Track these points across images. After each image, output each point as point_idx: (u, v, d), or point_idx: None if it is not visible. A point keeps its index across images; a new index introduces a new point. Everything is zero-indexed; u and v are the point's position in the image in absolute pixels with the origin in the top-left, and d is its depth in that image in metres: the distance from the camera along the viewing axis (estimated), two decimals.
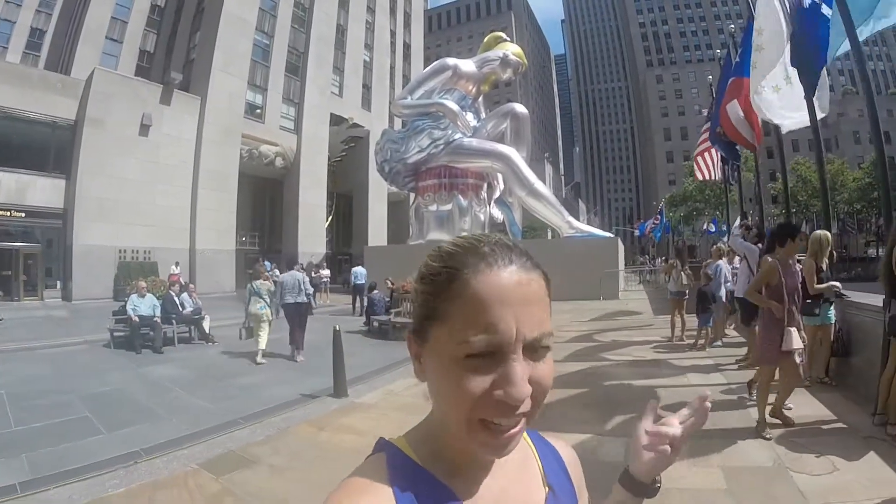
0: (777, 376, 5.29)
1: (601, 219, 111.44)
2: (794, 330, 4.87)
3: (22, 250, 23.25)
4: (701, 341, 9.86)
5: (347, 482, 0.70)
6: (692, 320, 10.43)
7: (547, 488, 0.85)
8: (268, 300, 10.54)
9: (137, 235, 25.58)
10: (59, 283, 24.61)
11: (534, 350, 0.68)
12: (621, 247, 22.77)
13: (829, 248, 6.44)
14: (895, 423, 4.79)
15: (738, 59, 11.93)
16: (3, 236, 22.85)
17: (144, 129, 25.98)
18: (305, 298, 10.97)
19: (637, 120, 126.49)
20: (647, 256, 50.79)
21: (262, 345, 10.34)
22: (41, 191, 23.67)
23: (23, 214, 23.27)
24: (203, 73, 29.95)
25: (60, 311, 19.77)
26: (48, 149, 24.05)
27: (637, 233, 53.15)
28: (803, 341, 5.01)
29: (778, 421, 5.15)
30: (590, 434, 5.37)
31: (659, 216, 43.14)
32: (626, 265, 26.76)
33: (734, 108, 11.79)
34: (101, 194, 24.01)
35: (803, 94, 8.05)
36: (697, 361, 8.74)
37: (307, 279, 11.56)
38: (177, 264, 24.60)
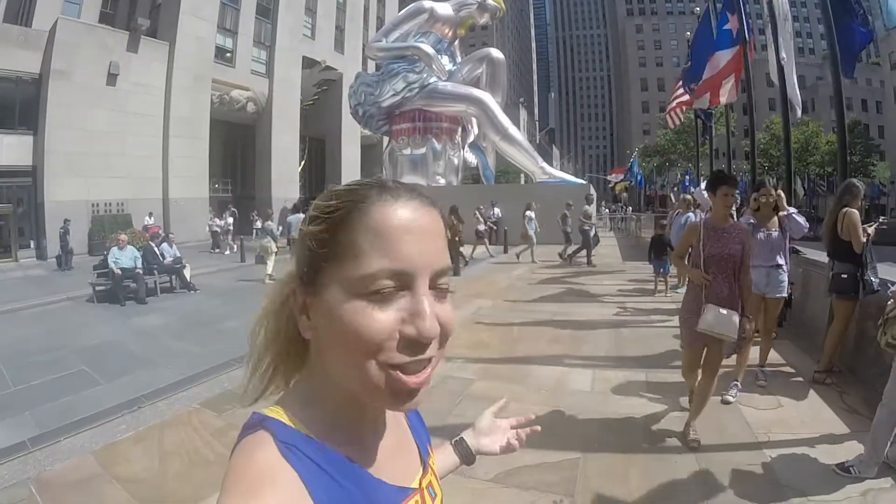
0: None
1: (575, 165, 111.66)
2: (712, 307, 3.84)
3: None
4: (661, 287, 10.37)
5: (239, 471, 0.61)
6: None
7: (415, 441, 0.88)
8: (273, 236, 13.91)
9: (110, 188, 24.96)
10: (32, 242, 23.91)
11: (435, 287, 0.66)
12: (594, 193, 23.05)
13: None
14: (837, 370, 5.32)
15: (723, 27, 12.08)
16: None
17: (112, 78, 25.04)
18: None
19: (614, 68, 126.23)
20: (619, 204, 51.38)
21: (270, 269, 13.42)
22: (8, 148, 22.78)
23: None
24: (171, 17, 28.73)
25: (37, 270, 19.40)
26: (13, 105, 23.11)
27: (612, 180, 53.39)
28: (743, 330, 3.92)
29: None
30: (557, 366, 5.98)
31: (631, 165, 43.75)
32: (597, 212, 27.15)
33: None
34: (70, 148, 23.26)
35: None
36: (660, 305, 9.23)
37: None
38: (150, 215, 24.04)
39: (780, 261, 5.27)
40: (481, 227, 17.69)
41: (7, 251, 22.93)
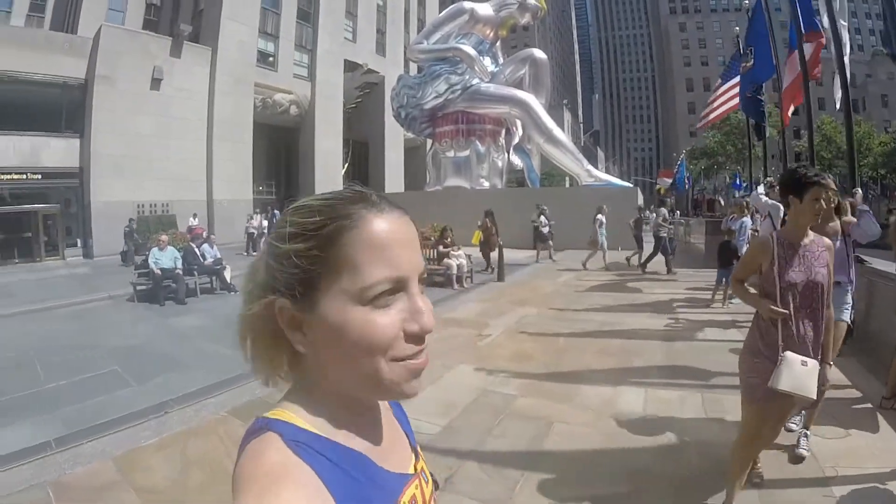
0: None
1: (620, 168, 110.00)
2: (792, 359, 2.75)
3: (41, 211, 23.28)
4: (718, 296, 9.60)
5: (252, 473, 0.61)
6: None
7: (403, 430, 0.90)
8: None
9: (154, 189, 25.59)
10: (79, 241, 24.74)
11: (419, 284, 0.72)
12: (640, 197, 22.39)
13: None
14: None
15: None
16: (21, 199, 22.89)
17: (156, 83, 25.65)
18: None
19: (658, 68, 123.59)
20: (664, 207, 50.02)
21: None
22: (55, 151, 23.55)
23: (39, 176, 23.29)
24: (212, 23, 29.33)
25: (83, 269, 19.90)
26: (60, 109, 23.85)
27: (660, 184, 51.14)
28: (823, 382, 2.92)
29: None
30: (606, 384, 5.46)
31: (679, 167, 42.44)
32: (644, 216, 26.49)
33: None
34: (115, 151, 23.86)
35: None
36: (715, 317, 8.59)
37: None
38: (195, 216, 24.53)
39: (845, 277, 4.44)
40: (546, 230, 17.02)
41: (55, 250, 23.80)
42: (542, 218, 17.07)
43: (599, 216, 15.40)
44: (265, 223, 22.94)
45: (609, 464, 3.83)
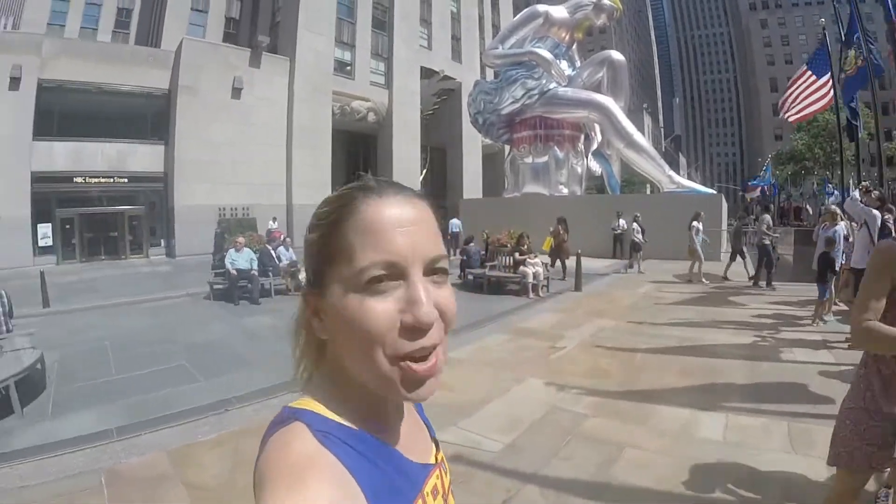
0: None
1: (703, 174, 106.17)
2: None
3: (127, 212, 25.06)
4: (824, 313, 8.61)
5: (279, 463, 0.61)
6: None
7: (422, 421, 0.89)
8: None
9: (235, 193, 26.72)
10: (162, 241, 26.28)
11: (432, 273, 0.68)
12: (724, 205, 21.30)
13: None
14: None
15: None
16: (109, 201, 24.61)
17: (236, 92, 26.87)
18: None
19: (740, 69, 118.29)
20: (751, 217, 47.70)
21: None
22: (141, 157, 25.23)
23: (126, 180, 24.94)
24: (289, 34, 30.32)
25: (165, 267, 20.93)
26: (145, 118, 25.55)
27: (750, 196, 47.10)
28: None
29: None
30: (684, 406, 5.03)
31: (764, 172, 40.13)
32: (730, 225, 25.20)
33: None
34: (198, 157, 25.23)
35: None
36: (804, 335, 7.80)
37: None
38: (274, 219, 25.14)
39: None
40: (638, 238, 16.12)
41: (140, 248, 25.46)
42: (636, 225, 16.32)
43: (696, 223, 14.38)
44: None
45: (682, 497, 3.46)
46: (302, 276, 12.88)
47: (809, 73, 16.10)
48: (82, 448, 4.33)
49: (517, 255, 12.60)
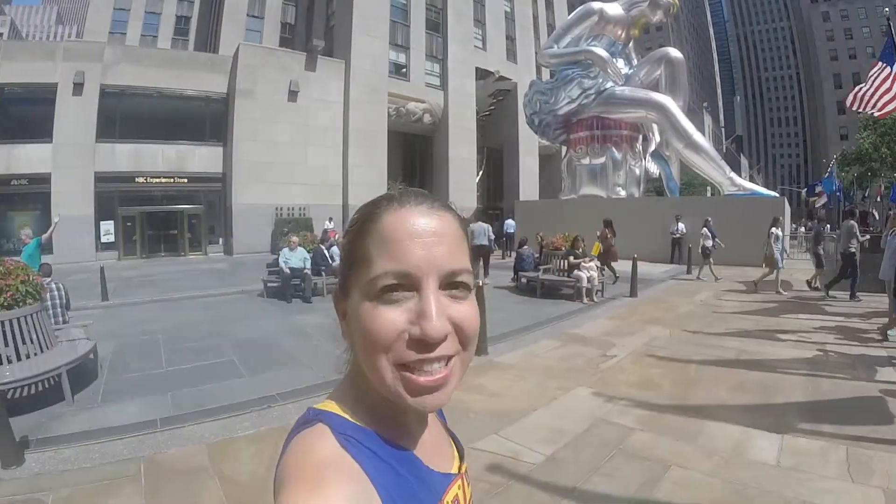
0: None
1: (765, 176, 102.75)
2: None
3: (186, 211, 26.04)
4: (889, 328, 7.89)
5: (301, 464, 0.62)
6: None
7: (446, 431, 0.89)
8: None
9: (292, 193, 27.36)
10: (220, 239, 27.18)
11: (452, 287, 0.68)
12: (787, 209, 20.44)
13: None
14: None
15: None
16: (170, 200, 25.64)
17: (293, 95, 27.47)
18: (486, 242, 15.53)
19: (803, 65, 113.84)
20: (814, 221, 45.57)
21: None
22: (200, 158, 26.23)
23: (185, 180, 25.95)
24: (344, 37, 30.81)
25: (221, 264, 21.53)
26: (204, 120, 26.58)
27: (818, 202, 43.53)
28: None
29: None
30: (737, 424, 4.69)
31: (829, 174, 37.96)
32: (794, 231, 24.17)
33: None
34: (255, 158, 25.92)
35: None
36: (868, 351, 7.22)
37: (489, 228, 15.95)
38: (330, 219, 25.65)
39: None
40: (709, 244, 15.35)
41: (198, 246, 26.39)
42: (706, 230, 15.55)
43: (775, 230, 13.09)
44: None
45: None
46: None
47: (882, 64, 15.21)
48: (126, 436, 4.48)
49: (571, 258, 12.20)
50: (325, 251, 13.47)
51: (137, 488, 3.61)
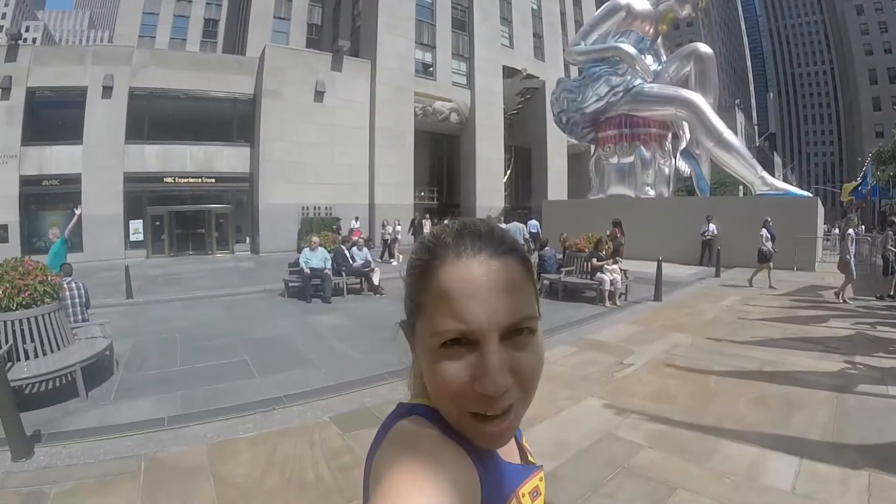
0: None
1: (799, 175, 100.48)
2: None
3: (214, 210, 26.33)
4: None
5: (410, 443, 0.66)
6: None
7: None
8: None
9: (318, 193, 27.54)
10: (247, 238, 27.40)
11: (514, 335, 0.67)
12: (821, 209, 19.84)
13: None
14: None
15: None
16: (197, 199, 25.95)
17: (319, 95, 27.57)
18: (523, 241, 15.43)
19: (837, 60, 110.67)
20: (845, 221, 43.56)
21: None
22: (227, 158, 26.53)
23: (213, 180, 26.26)
24: (370, 37, 30.99)
25: (247, 263, 21.69)
26: (231, 121, 26.90)
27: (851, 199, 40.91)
28: None
29: None
30: (754, 443, 4.38)
31: (864, 173, 36.48)
32: (828, 232, 23.48)
33: None
34: (282, 157, 26.12)
35: None
36: None
37: (524, 227, 17.02)
38: (356, 219, 25.58)
39: None
40: (768, 246, 14.00)
41: (225, 244, 26.67)
42: (765, 231, 14.17)
43: (852, 231, 12.03)
44: (398, 228, 23.15)
45: None
46: (376, 277, 13.08)
47: None
48: (133, 433, 4.59)
49: (594, 260, 11.82)
50: (346, 252, 13.47)
51: (136, 485, 3.68)
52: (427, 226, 24.88)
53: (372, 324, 9.54)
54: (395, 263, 20.78)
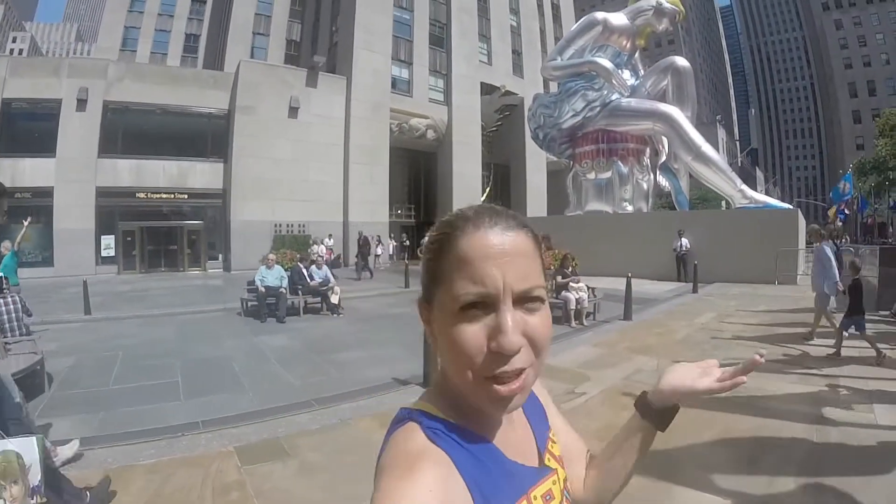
0: None
1: (781, 189, 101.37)
2: None
3: (186, 227, 26.26)
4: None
5: (395, 455, 0.71)
6: None
7: (532, 429, 0.91)
8: None
9: (292, 210, 27.29)
10: (220, 255, 27.18)
11: (525, 302, 0.71)
12: (802, 221, 19.55)
13: None
14: None
15: None
16: (170, 215, 25.86)
17: (293, 111, 27.51)
18: None
19: (817, 75, 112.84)
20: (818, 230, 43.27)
21: None
22: (201, 174, 26.39)
23: (186, 196, 26.13)
24: (346, 53, 30.98)
25: (216, 281, 21.43)
26: (205, 137, 26.77)
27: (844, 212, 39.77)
28: None
29: None
30: (713, 492, 3.60)
31: (845, 185, 36.14)
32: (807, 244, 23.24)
33: None
34: (255, 174, 25.96)
35: None
36: (886, 386, 6.03)
37: None
38: (330, 237, 25.70)
39: None
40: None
41: (197, 262, 26.64)
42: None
43: (826, 246, 10.02)
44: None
45: None
46: (336, 297, 12.83)
47: None
48: None
49: (559, 278, 11.26)
50: (304, 270, 13.15)
51: None
52: (379, 249, 25.47)
53: (319, 346, 9.17)
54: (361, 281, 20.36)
